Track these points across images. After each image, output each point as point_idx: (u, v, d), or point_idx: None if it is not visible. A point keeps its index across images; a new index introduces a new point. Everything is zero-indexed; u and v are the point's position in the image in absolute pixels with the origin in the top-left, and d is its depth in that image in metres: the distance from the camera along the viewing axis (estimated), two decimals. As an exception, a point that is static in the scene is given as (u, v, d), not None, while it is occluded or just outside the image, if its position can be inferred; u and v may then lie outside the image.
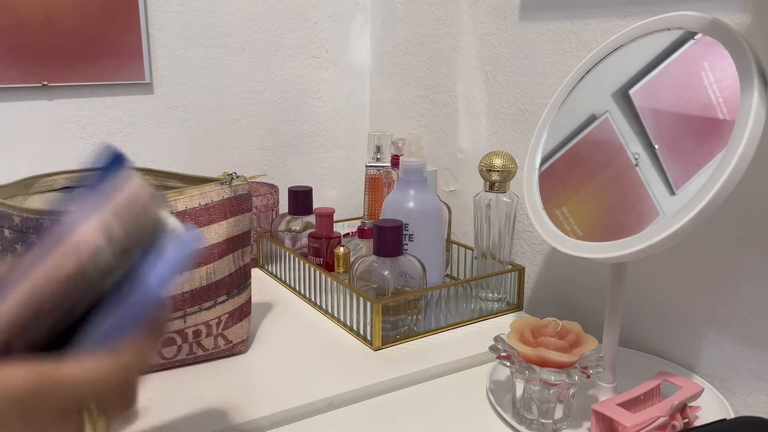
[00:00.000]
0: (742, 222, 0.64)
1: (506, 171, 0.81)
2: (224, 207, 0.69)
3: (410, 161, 0.82)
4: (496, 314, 0.84)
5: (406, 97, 1.13)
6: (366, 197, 1.05)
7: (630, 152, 0.61)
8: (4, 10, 0.89)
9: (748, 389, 0.66)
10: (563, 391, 0.59)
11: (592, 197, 0.63)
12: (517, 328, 0.62)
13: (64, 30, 0.93)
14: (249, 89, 1.11)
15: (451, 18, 1.00)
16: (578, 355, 0.58)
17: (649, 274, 0.74)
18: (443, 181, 1.06)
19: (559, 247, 0.63)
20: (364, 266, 0.78)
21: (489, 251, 0.85)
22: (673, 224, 0.54)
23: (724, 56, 0.56)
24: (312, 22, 1.15)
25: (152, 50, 1.01)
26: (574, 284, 0.84)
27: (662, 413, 0.55)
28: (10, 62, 0.91)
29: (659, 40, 0.61)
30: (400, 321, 0.77)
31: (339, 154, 1.23)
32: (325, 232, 0.91)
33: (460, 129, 1.02)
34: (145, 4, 0.98)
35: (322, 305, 0.84)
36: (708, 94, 0.57)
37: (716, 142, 0.54)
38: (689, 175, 0.56)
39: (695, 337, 0.70)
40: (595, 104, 0.65)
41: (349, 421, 0.63)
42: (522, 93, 0.89)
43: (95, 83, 0.98)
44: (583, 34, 0.79)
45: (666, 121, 0.59)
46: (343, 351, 0.74)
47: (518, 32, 0.88)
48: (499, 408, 0.63)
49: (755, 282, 0.64)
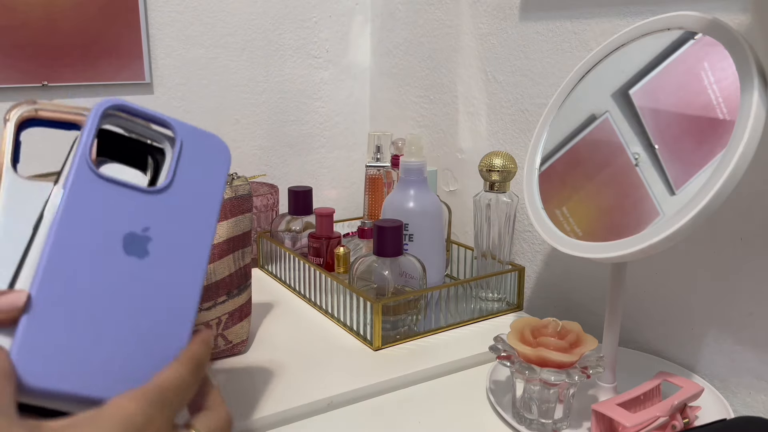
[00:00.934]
0: (742, 222, 0.64)
1: (506, 171, 0.81)
2: (225, 207, 0.69)
3: (410, 161, 0.82)
4: (496, 314, 0.84)
5: (406, 97, 1.13)
6: (366, 197, 1.05)
7: (630, 152, 0.61)
8: (4, 10, 0.89)
9: (748, 389, 0.66)
10: (563, 391, 0.59)
11: (592, 197, 0.63)
12: (517, 328, 0.62)
13: (64, 30, 0.93)
14: (249, 89, 1.11)
15: (451, 18, 1.00)
16: (578, 355, 0.58)
17: (649, 274, 0.74)
18: (443, 181, 1.06)
19: (559, 247, 0.63)
20: (364, 266, 0.78)
21: (489, 251, 0.85)
22: (673, 224, 0.54)
23: (724, 56, 0.56)
24: (312, 22, 1.15)
25: (152, 50, 1.01)
26: (574, 284, 0.84)
27: (662, 413, 0.55)
28: (10, 62, 0.91)
29: (659, 40, 0.61)
30: (400, 321, 0.77)
31: (339, 154, 1.23)
32: (325, 232, 0.91)
33: (460, 129, 1.02)
34: (145, 4, 0.98)
35: (322, 305, 0.84)
36: (708, 94, 0.57)
37: (716, 142, 0.54)
38: (689, 175, 0.56)
39: (695, 337, 0.70)
40: (595, 104, 0.65)
41: (349, 422, 0.63)
42: (522, 93, 0.89)
43: (95, 83, 0.98)
44: (583, 34, 0.79)
45: (666, 121, 0.59)
46: (343, 351, 0.74)
47: (518, 32, 0.88)
48: (499, 408, 0.63)
49: (755, 282, 0.64)
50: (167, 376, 0.37)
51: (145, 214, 0.39)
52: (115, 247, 0.38)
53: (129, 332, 0.38)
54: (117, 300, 0.37)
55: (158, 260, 0.39)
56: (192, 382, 0.39)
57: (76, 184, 0.37)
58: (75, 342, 0.36)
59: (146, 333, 0.38)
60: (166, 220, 0.40)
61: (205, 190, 0.43)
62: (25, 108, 0.43)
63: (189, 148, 0.43)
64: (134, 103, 0.42)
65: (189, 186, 0.42)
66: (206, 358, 0.41)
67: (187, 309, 0.40)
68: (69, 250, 0.36)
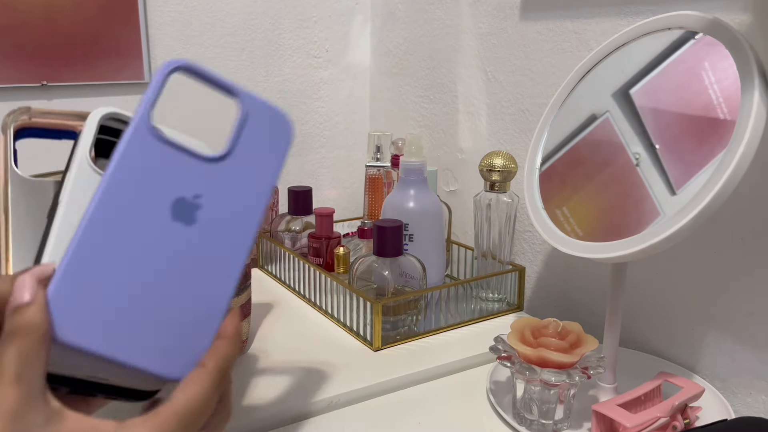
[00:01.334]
0: (743, 222, 0.64)
1: (506, 171, 0.81)
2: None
3: (410, 161, 0.82)
4: (496, 314, 0.84)
5: (406, 97, 1.13)
6: (366, 197, 1.04)
7: (631, 152, 0.60)
8: (3, 9, 0.89)
9: (749, 389, 0.66)
10: (564, 392, 0.59)
11: (593, 197, 0.63)
12: (518, 329, 0.62)
13: (63, 30, 0.93)
14: (249, 89, 1.11)
15: (452, 18, 1.00)
16: (579, 356, 0.58)
17: (650, 274, 0.74)
18: (443, 181, 1.06)
19: (559, 247, 0.63)
20: (364, 266, 0.78)
21: (489, 251, 0.85)
22: (673, 224, 0.54)
23: (724, 56, 0.56)
24: (312, 22, 1.14)
25: (152, 50, 1.01)
26: (575, 284, 0.84)
27: (663, 414, 0.55)
28: (9, 62, 0.91)
29: (660, 40, 0.61)
30: (400, 321, 0.77)
31: (339, 154, 1.23)
32: (325, 232, 0.91)
33: (460, 129, 1.01)
34: (144, 4, 0.98)
35: (321, 305, 0.84)
36: (708, 94, 0.57)
37: (717, 142, 0.54)
38: (690, 175, 0.55)
39: (696, 338, 0.70)
40: (595, 104, 0.65)
41: (349, 422, 0.62)
42: (522, 93, 0.89)
43: (95, 83, 0.98)
44: (584, 34, 0.79)
45: (666, 121, 0.59)
46: (343, 351, 0.74)
47: (519, 32, 0.88)
48: (499, 408, 0.63)
49: (756, 282, 0.64)
50: (189, 397, 0.34)
51: (198, 181, 0.38)
52: (163, 210, 0.37)
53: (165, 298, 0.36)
54: (156, 263, 0.36)
55: (205, 230, 0.38)
56: (215, 395, 0.35)
57: (133, 139, 0.37)
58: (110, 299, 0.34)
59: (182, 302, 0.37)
60: (219, 190, 0.39)
61: (264, 165, 0.41)
62: (20, 115, 0.43)
63: (253, 120, 0.42)
64: (201, 65, 0.40)
65: (248, 159, 0.41)
66: (234, 360, 0.37)
67: (226, 285, 0.38)
68: (117, 203, 0.35)
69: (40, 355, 0.31)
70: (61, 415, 0.31)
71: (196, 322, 0.37)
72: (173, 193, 0.37)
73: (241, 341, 0.38)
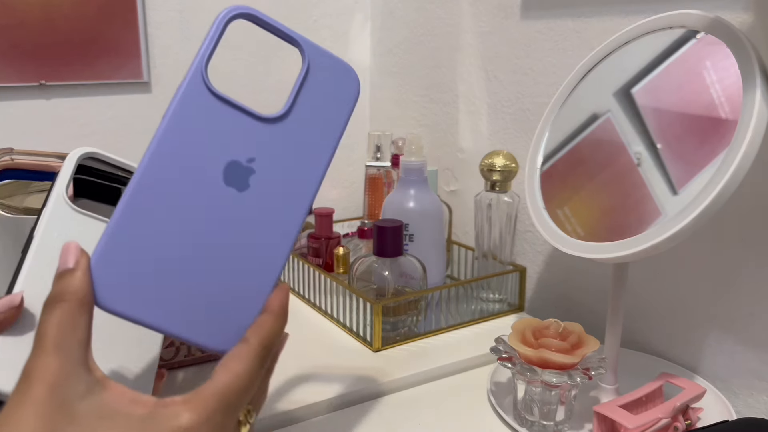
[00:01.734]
0: (744, 222, 0.64)
1: (507, 170, 0.81)
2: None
3: (410, 161, 0.82)
4: (497, 315, 0.84)
5: (406, 97, 1.13)
6: (366, 197, 1.04)
7: (632, 152, 0.60)
8: (2, 9, 0.89)
9: (750, 390, 0.66)
10: (565, 393, 0.59)
11: (594, 197, 0.63)
12: (519, 329, 0.62)
13: (62, 29, 0.93)
14: (248, 89, 1.10)
15: (452, 16, 1.00)
16: (580, 357, 0.58)
17: (651, 274, 0.74)
18: (444, 180, 1.06)
19: (560, 247, 0.62)
20: (364, 267, 0.77)
21: (490, 251, 0.85)
22: (675, 224, 0.53)
23: (726, 55, 0.55)
24: (312, 21, 1.14)
25: (150, 49, 1.00)
26: (576, 285, 0.84)
27: (664, 415, 0.55)
28: (8, 61, 0.91)
29: (661, 39, 0.61)
30: (401, 322, 0.76)
31: (339, 153, 1.21)
32: (325, 232, 0.91)
33: (460, 128, 1.01)
34: (143, 3, 0.98)
35: (321, 306, 0.84)
36: (710, 94, 0.56)
37: (718, 142, 0.54)
38: (691, 175, 0.55)
39: (697, 338, 0.70)
40: (596, 103, 0.65)
41: (348, 423, 0.62)
42: (523, 92, 0.89)
43: (93, 82, 0.97)
44: (585, 33, 0.79)
45: (668, 121, 0.59)
46: (342, 352, 0.74)
47: (519, 31, 0.88)
48: (500, 410, 0.62)
49: (757, 282, 0.64)
50: (232, 376, 0.32)
51: (253, 144, 0.36)
52: (215, 174, 0.35)
53: (211, 268, 0.34)
54: (205, 231, 0.34)
55: (257, 197, 0.36)
56: (259, 373, 0.34)
57: (187, 94, 0.34)
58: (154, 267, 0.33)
59: (229, 273, 0.35)
60: (275, 154, 0.36)
61: (326, 124, 0.39)
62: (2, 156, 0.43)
63: (315, 73, 0.39)
64: (263, 13, 0.38)
65: (308, 118, 0.38)
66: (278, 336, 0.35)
67: (276, 257, 0.36)
68: (168, 164, 0.33)
69: (81, 322, 0.30)
70: (103, 385, 0.30)
71: (243, 295, 0.35)
72: (227, 155, 0.35)
73: (286, 317, 0.36)
